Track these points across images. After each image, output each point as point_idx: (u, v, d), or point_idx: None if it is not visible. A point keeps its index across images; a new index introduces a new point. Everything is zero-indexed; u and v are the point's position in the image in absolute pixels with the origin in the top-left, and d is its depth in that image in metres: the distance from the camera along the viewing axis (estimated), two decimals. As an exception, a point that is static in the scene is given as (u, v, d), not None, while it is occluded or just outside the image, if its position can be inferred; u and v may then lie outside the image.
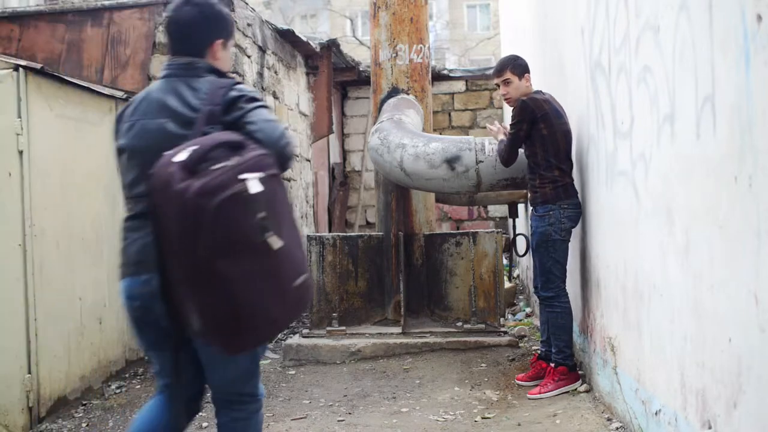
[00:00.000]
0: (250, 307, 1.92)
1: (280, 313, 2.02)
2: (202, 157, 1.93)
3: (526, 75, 4.24)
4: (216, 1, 2.38)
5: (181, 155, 1.93)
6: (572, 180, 4.08)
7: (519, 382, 4.32)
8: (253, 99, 2.18)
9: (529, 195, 4.31)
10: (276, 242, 1.92)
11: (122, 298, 2.23)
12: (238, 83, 2.24)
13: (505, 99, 4.32)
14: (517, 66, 4.25)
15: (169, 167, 1.91)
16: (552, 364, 4.10)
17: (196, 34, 2.30)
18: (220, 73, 2.29)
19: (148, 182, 2.00)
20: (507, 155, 4.29)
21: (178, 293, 1.97)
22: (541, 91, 4.24)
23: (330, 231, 8.56)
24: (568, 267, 4.30)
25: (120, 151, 2.30)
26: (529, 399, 4.01)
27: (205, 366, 2.24)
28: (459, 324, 5.44)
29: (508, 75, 4.23)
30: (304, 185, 7.44)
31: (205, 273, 1.88)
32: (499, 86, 4.34)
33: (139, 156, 2.20)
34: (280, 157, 2.06)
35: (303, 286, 2.04)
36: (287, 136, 2.13)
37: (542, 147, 4.05)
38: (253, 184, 1.90)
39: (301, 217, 7.31)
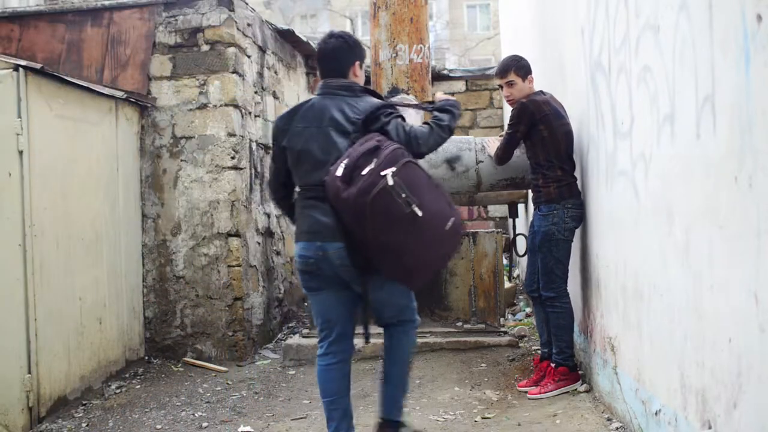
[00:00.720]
0: (415, 260, 2.82)
1: (446, 249, 2.93)
2: (353, 167, 2.76)
3: (529, 76, 4.17)
4: (351, 33, 3.27)
5: (339, 170, 2.77)
6: (575, 179, 4.07)
7: (521, 389, 4.22)
8: (390, 113, 2.99)
9: (531, 194, 4.27)
10: (419, 210, 2.71)
11: (296, 256, 3.06)
12: (384, 104, 3.05)
13: (508, 100, 4.23)
14: (520, 67, 4.17)
15: (335, 181, 2.77)
16: (552, 365, 4.09)
17: (341, 59, 3.09)
18: (372, 92, 3.12)
19: (322, 178, 2.87)
20: (502, 154, 4.29)
21: (364, 254, 2.85)
22: (542, 92, 4.19)
23: (330, 231, 8.58)
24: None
25: (288, 149, 3.06)
26: (530, 399, 4.00)
27: (379, 306, 3.07)
28: (459, 324, 5.44)
29: (512, 77, 4.15)
30: (304, 185, 7.46)
31: (376, 244, 2.78)
32: (501, 87, 4.25)
33: (310, 155, 2.99)
34: (411, 148, 2.92)
35: (454, 226, 2.84)
36: (414, 133, 2.96)
37: (543, 148, 4.03)
38: (389, 177, 2.71)
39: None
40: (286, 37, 6.81)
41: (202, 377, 5.02)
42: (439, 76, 9.20)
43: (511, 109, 4.18)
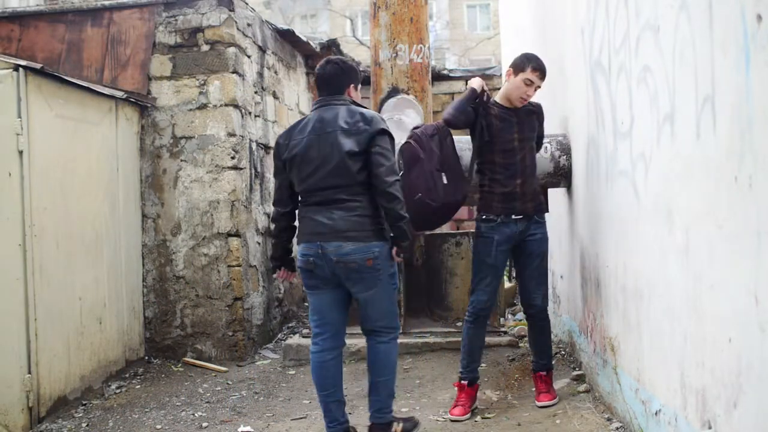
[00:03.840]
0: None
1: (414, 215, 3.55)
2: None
3: None
4: (346, 59, 3.61)
5: None
6: None
7: (453, 417, 3.83)
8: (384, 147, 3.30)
9: (528, 202, 3.85)
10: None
11: (299, 255, 3.34)
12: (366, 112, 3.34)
13: (524, 102, 3.85)
14: None
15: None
16: (543, 372, 4.00)
17: (336, 83, 3.35)
18: (362, 107, 3.37)
19: (324, 182, 3.24)
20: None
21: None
22: None
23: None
24: (567, 267, 4.30)
25: (288, 161, 3.31)
26: (539, 406, 3.89)
27: (364, 304, 3.34)
28: (459, 324, 5.44)
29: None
30: (304, 185, 7.45)
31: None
32: (530, 83, 3.78)
33: (311, 161, 3.25)
34: (376, 179, 3.26)
35: (418, 199, 3.77)
36: (382, 173, 3.24)
37: (534, 154, 3.94)
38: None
39: (301, 217, 7.32)
40: (286, 37, 6.81)
41: (202, 377, 5.02)
42: (439, 76, 9.19)
43: (531, 111, 3.91)
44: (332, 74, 3.35)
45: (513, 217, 3.81)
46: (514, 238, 3.84)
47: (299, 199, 3.40)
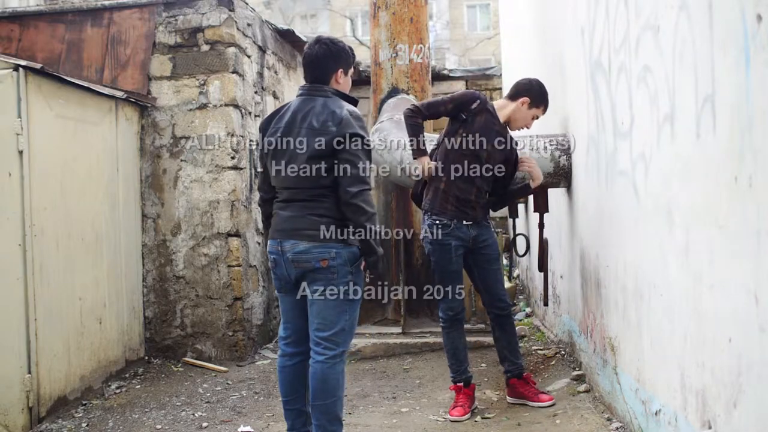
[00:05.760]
0: None
1: None
2: None
3: None
4: (339, 40, 3.19)
5: None
6: None
7: (453, 418, 3.82)
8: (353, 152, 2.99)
9: (479, 211, 3.92)
10: None
11: (268, 253, 3.15)
12: (347, 111, 3.02)
13: (521, 129, 4.10)
14: None
15: None
16: (525, 372, 4.03)
17: (324, 66, 3.10)
18: (344, 96, 3.11)
19: (289, 178, 3.03)
20: None
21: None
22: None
23: (330, 231, 8.57)
24: (567, 267, 4.29)
25: (263, 149, 3.15)
26: (542, 406, 3.88)
27: (309, 311, 3.05)
28: (459, 324, 5.43)
29: None
30: (304, 185, 7.45)
31: None
32: (537, 118, 4.08)
33: (282, 154, 3.05)
34: (340, 187, 3.00)
35: None
36: (347, 182, 2.97)
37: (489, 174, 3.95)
38: None
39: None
40: (286, 37, 6.81)
41: (202, 377, 5.02)
42: (439, 76, 9.20)
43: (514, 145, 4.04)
44: (319, 56, 3.08)
45: (465, 222, 3.86)
46: (468, 243, 3.89)
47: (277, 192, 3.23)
